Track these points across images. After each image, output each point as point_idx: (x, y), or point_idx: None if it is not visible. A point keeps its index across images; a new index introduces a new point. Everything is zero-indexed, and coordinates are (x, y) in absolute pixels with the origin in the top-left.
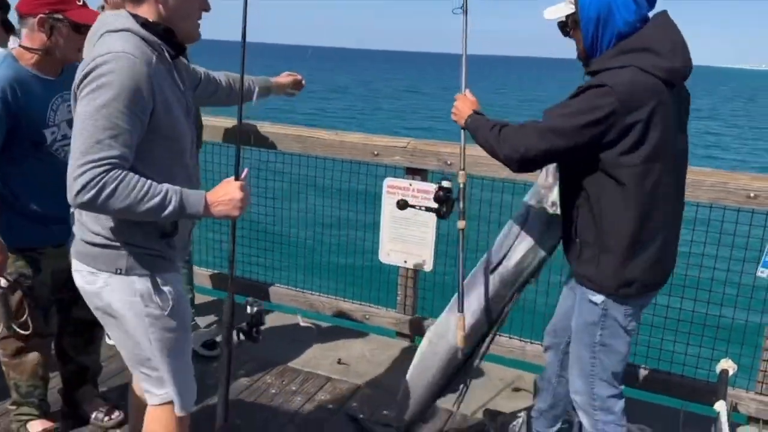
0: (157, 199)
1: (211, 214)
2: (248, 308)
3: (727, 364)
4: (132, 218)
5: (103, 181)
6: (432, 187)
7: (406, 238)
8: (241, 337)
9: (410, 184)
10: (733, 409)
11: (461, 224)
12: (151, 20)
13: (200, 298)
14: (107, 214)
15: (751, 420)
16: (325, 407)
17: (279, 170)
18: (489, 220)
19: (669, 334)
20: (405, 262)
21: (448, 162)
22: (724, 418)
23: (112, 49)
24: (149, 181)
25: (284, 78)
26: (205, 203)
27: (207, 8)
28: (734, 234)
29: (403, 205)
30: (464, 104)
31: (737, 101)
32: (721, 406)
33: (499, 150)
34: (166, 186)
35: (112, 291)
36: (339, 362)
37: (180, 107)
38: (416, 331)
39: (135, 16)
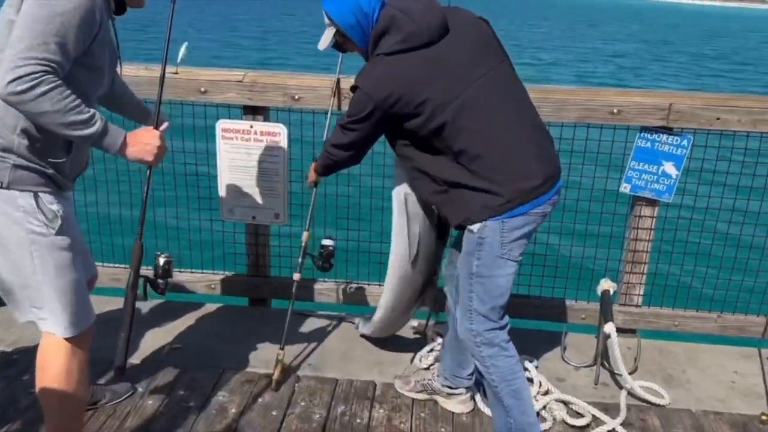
0: (84, 116)
1: (126, 154)
2: (158, 260)
3: (607, 284)
4: (49, 125)
5: (41, 79)
6: (278, 128)
7: (253, 189)
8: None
9: (251, 126)
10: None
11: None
12: None
13: None
14: (26, 113)
15: (617, 331)
16: (187, 405)
17: None
18: None
19: (538, 260)
20: (253, 218)
21: (296, 96)
22: (614, 339)
23: None
24: (79, 99)
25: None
26: (124, 140)
27: None
28: (597, 152)
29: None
30: (311, 171)
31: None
32: (610, 328)
33: (332, 155)
34: (93, 110)
35: None
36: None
37: (109, 53)
38: (273, 294)
39: None
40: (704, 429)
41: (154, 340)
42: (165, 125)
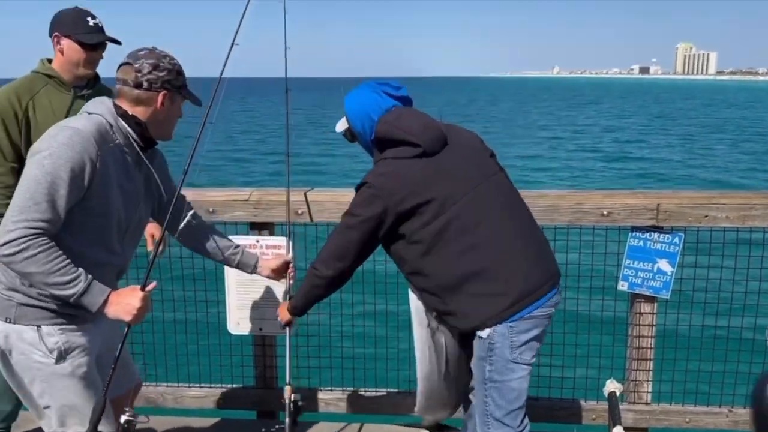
0: (66, 277)
1: (107, 312)
2: None
3: (613, 386)
4: (34, 283)
5: (29, 243)
6: (283, 242)
7: (259, 302)
8: None
9: (257, 241)
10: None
11: None
12: (130, 114)
13: None
14: (18, 270)
15: (628, 430)
16: None
17: None
18: None
19: (544, 360)
20: (260, 329)
21: (299, 212)
22: None
23: (76, 126)
24: (68, 260)
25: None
26: (106, 300)
27: (181, 116)
28: (592, 252)
29: None
30: (282, 310)
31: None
32: None
33: (323, 266)
34: (81, 270)
35: (5, 337)
36: None
37: (122, 192)
38: (281, 406)
39: (117, 107)
40: None
41: None
42: (152, 285)
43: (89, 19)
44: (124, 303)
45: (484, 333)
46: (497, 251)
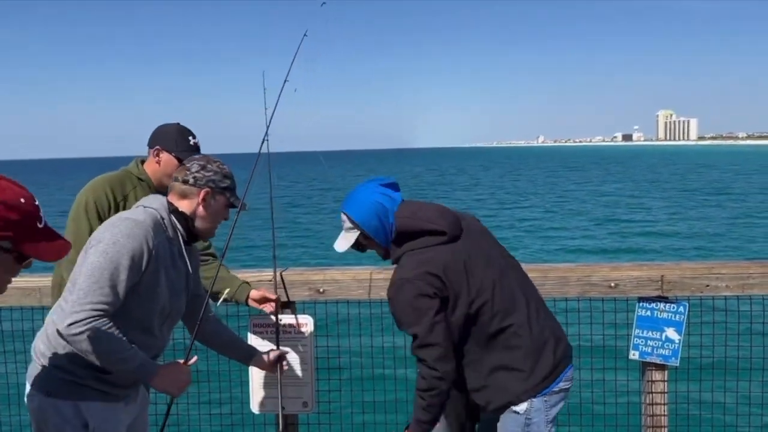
0: (125, 354)
1: (155, 385)
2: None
3: None
4: (95, 359)
5: (94, 323)
6: (305, 320)
7: (282, 380)
8: None
9: (280, 320)
10: None
11: None
12: (180, 210)
13: None
14: (80, 348)
15: None
16: None
17: None
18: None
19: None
20: (283, 408)
21: (321, 290)
22: None
23: (136, 218)
24: (124, 338)
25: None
26: (156, 373)
27: (226, 218)
28: (603, 322)
29: None
30: None
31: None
32: None
33: (427, 386)
34: (135, 347)
35: (42, 411)
36: None
37: (168, 280)
38: None
39: (169, 203)
40: None
41: None
42: (194, 359)
43: (191, 138)
44: (171, 377)
45: (521, 408)
46: (528, 330)
